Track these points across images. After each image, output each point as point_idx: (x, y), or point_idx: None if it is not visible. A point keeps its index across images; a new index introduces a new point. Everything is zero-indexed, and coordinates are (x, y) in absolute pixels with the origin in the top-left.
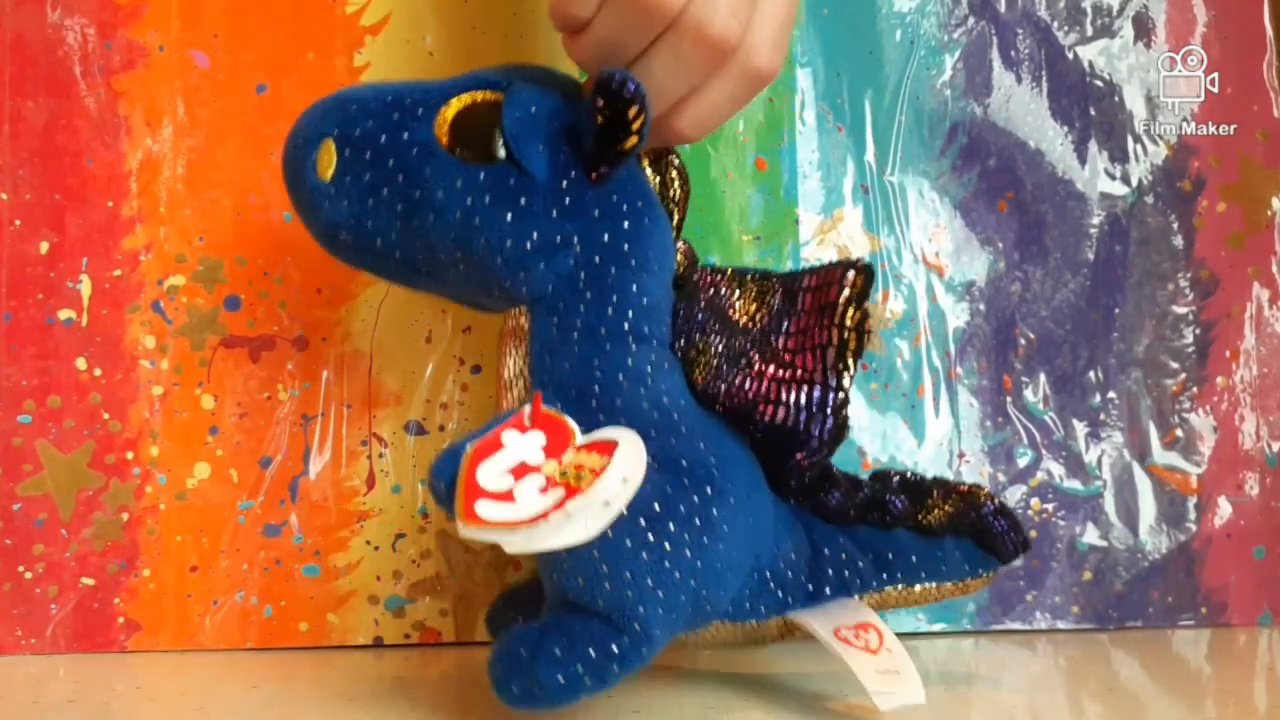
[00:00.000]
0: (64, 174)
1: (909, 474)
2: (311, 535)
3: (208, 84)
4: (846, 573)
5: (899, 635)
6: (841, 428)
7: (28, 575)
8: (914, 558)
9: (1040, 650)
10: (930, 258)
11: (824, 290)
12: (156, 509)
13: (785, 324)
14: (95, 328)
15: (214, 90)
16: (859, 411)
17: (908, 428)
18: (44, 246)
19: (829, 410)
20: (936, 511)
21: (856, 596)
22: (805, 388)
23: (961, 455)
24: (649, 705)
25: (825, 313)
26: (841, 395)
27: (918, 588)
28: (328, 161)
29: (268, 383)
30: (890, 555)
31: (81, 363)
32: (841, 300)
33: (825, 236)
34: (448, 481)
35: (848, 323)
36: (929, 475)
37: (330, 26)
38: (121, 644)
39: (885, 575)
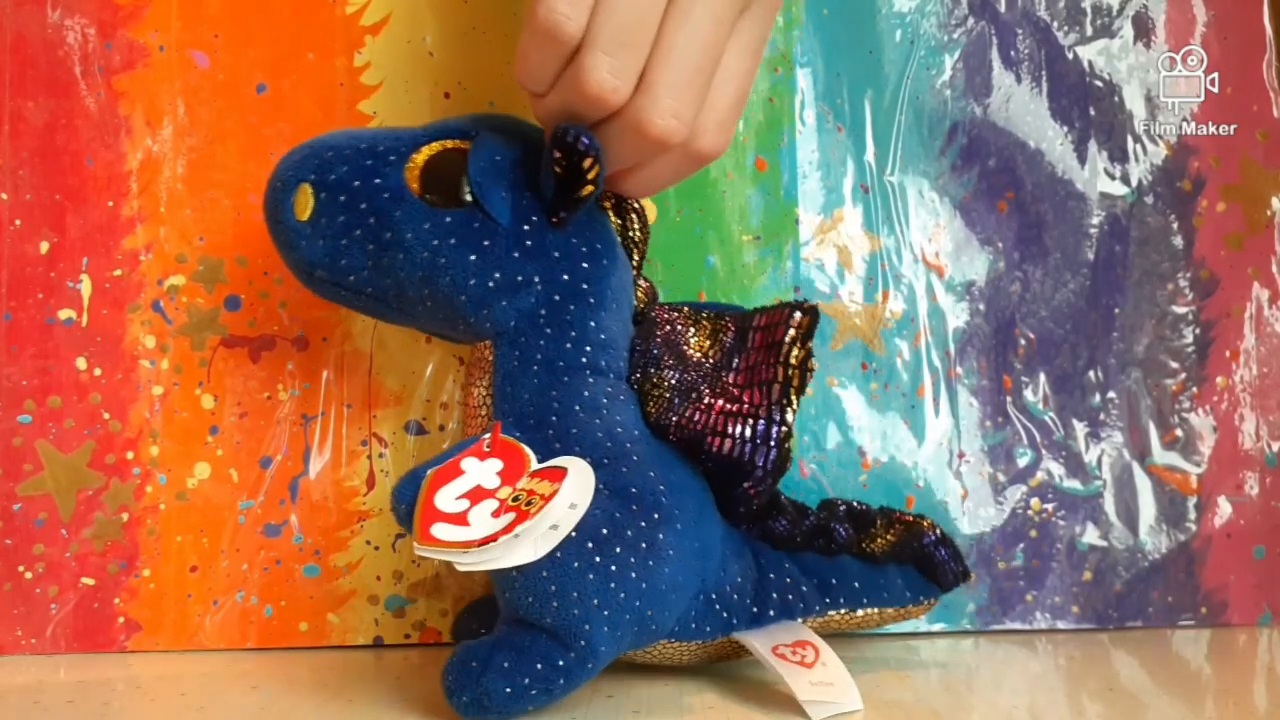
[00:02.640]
0: (64, 174)
1: (855, 504)
2: (311, 535)
3: (208, 84)
4: (790, 596)
5: (898, 635)
6: (784, 459)
7: (28, 575)
8: (857, 584)
9: (1040, 650)
10: (930, 258)
11: (772, 330)
12: (156, 509)
13: (735, 361)
14: (95, 328)
15: (214, 90)
16: (859, 411)
17: (907, 428)
18: (44, 246)
19: (772, 442)
20: (880, 540)
21: (800, 620)
22: (750, 421)
23: (961, 455)
24: (649, 705)
25: (772, 351)
26: (784, 429)
27: (860, 612)
28: (304, 204)
29: (268, 383)
30: (834, 580)
31: (81, 363)
32: (787, 339)
33: (825, 236)
34: (408, 504)
35: (792, 361)
36: (875, 505)
37: (330, 26)
38: (121, 644)
39: (828, 600)
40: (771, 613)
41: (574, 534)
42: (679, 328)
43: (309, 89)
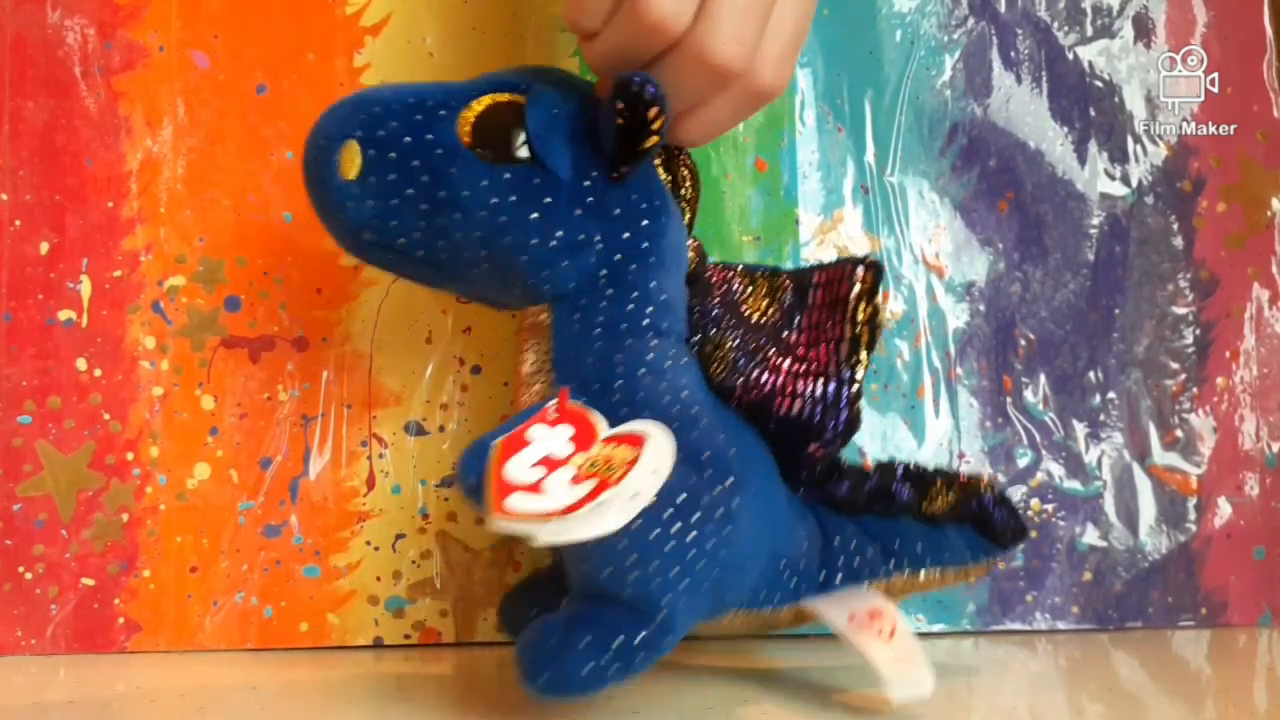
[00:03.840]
0: (64, 174)
1: (912, 465)
2: (311, 536)
3: (208, 84)
4: (856, 560)
5: None
6: (855, 419)
7: (28, 575)
8: (919, 545)
9: (1040, 650)
10: (930, 258)
11: (834, 285)
12: (156, 509)
13: (797, 319)
14: (95, 328)
15: (214, 90)
16: None
17: (908, 428)
18: (44, 247)
19: (843, 403)
20: (939, 500)
21: (866, 584)
22: (820, 380)
23: (961, 456)
24: (648, 705)
25: (836, 308)
26: (855, 388)
27: (922, 574)
28: (351, 162)
29: (268, 383)
30: (896, 543)
31: (81, 363)
32: (853, 296)
33: (825, 237)
34: (477, 477)
35: (860, 317)
36: (931, 466)
37: (330, 26)
38: (121, 644)
39: (892, 563)
40: (839, 578)
41: (653, 501)
42: (735, 287)
43: (309, 89)
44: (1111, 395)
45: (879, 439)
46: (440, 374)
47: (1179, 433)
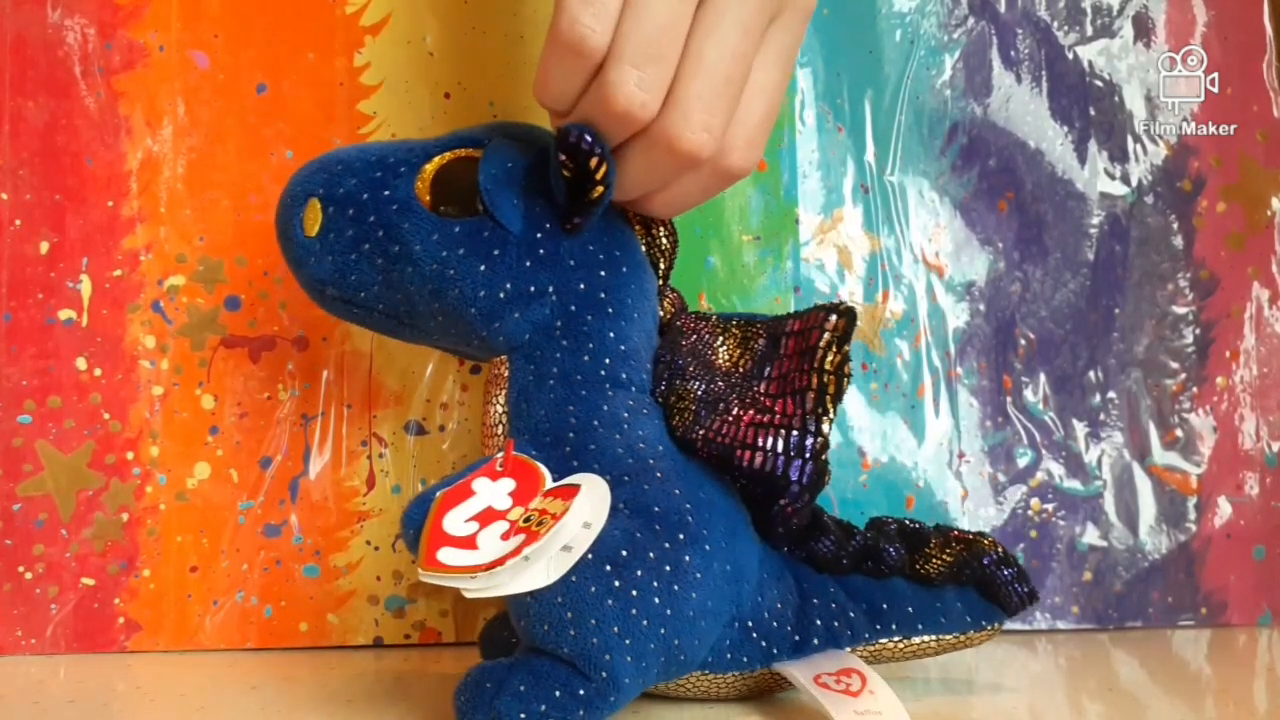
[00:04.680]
0: (64, 174)
1: (907, 522)
2: (311, 535)
3: (208, 84)
4: (836, 623)
5: None
6: (820, 473)
7: (28, 575)
8: (910, 608)
9: (1040, 650)
10: (930, 258)
11: (806, 334)
12: (157, 509)
13: (767, 369)
14: (95, 328)
15: (214, 90)
16: (859, 411)
17: (908, 428)
18: (44, 246)
19: (807, 455)
20: (935, 560)
21: (847, 649)
22: (783, 432)
23: (961, 455)
24: (649, 708)
25: (806, 357)
26: (820, 440)
27: (915, 640)
28: (313, 219)
29: (268, 383)
30: (885, 605)
31: (81, 363)
32: (821, 344)
33: (825, 236)
34: (417, 528)
35: (827, 366)
36: (929, 524)
37: (330, 26)
38: (121, 644)
39: (879, 626)
40: (816, 641)
41: (590, 556)
42: (706, 337)
43: (309, 89)
44: (1111, 395)
45: (879, 439)
46: (440, 374)
47: (1179, 432)
